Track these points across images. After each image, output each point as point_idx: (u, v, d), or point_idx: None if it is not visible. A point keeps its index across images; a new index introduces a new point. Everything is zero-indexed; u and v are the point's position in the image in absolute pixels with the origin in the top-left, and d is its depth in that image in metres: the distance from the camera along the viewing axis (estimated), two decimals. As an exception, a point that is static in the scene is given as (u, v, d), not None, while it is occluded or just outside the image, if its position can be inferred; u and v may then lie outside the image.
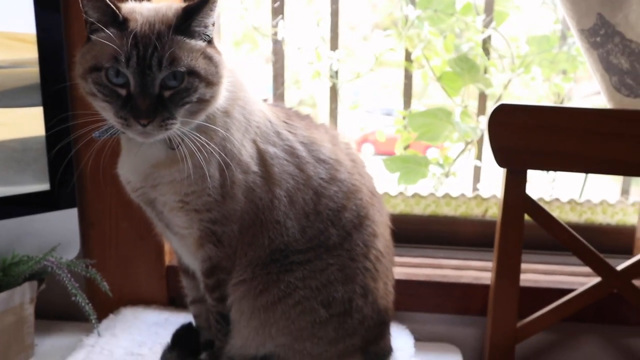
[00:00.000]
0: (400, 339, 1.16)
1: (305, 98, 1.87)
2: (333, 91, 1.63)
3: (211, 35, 0.89)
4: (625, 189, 1.52)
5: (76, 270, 1.14)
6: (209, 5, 0.85)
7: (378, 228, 1.03)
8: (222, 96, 0.91)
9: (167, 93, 0.84)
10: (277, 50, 1.59)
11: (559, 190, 1.64)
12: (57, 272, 1.10)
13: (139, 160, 0.93)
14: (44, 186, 1.16)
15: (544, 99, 1.68)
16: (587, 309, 1.17)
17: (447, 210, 1.44)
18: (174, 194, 0.92)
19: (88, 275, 1.15)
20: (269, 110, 1.02)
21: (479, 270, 1.30)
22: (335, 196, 0.98)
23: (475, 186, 1.63)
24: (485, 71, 1.64)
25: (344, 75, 1.65)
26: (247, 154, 0.94)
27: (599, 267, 1.12)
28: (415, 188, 1.55)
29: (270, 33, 1.60)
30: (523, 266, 1.26)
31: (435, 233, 1.44)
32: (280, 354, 0.97)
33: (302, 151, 0.99)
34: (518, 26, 1.70)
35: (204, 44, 0.88)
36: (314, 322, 0.95)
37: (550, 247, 1.36)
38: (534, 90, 1.70)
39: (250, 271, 0.95)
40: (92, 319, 1.12)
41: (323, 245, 0.96)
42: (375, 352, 1.05)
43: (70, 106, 1.13)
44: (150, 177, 0.93)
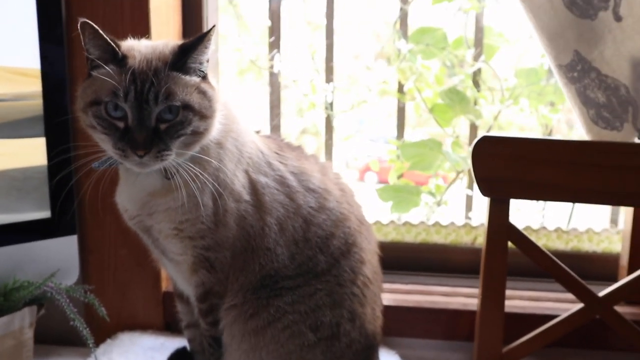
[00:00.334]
0: (389, 364, 1.19)
1: (308, 126, 1.92)
2: (328, 122, 1.68)
3: (205, 71, 0.94)
4: (613, 219, 1.56)
5: (75, 295, 1.17)
6: (204, 43, 0.91)
7: (366, 255, 1.07)
8: (216, 129, 0.96)
9: (163, 126, 0.89)
10: (273, 82, 1.65)
11: (548, 218, 1.68)
12: (57, 298, 1.14)
13: (136, 189, 0.98)
14: (45, 214, 1.20)
15: (533, 130, 1.73)
16: (572, 335, 1.19)
17: (438, 238, 1.48)
18: (169, 222, 0.97)
19: (86, 300, 1.18)
20: (261, 141, 1.07)
21: (467, 296, 1.34)
22: (323, 224, 1.02)
23: (467, 214, 1.68)
24: (475, 103, 1.69)
25: (339, 106, 1.70)
26: (240, 184, 0.99)
27: (581, 293, 1.15)
28: (408, 217, 1.59)
29: (267, 66, 1.66)
30: (509, 293, 1.29)
31: (426, 260, 1.47)
32: (270, 377, 1.00)
33: (293, 181, 1.03)
34: (507, 59, 1.75)
35: (199, 80, 0.93)
36: (303, 346, 0.98)
37: (535, 275, 1.40)
38: (523, 121, 1.75)
39: (241, 296, 0.99)
40: (90, 344, 1.15)
41: (312, 271, 1.00)
42: (363, 376, 1.08)
43: (71, 137, 1.18)
44: (146, 206, 0.97)
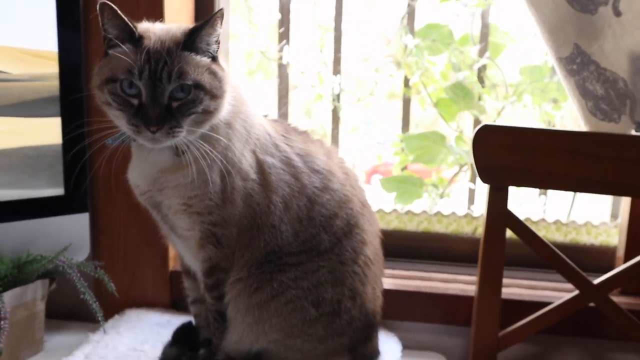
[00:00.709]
0: (388, 345, 1.23)
1: (315, 127, 1.95)
2: (335, 114, 1.72)
3: (216, 52, 0.98)
4: (614, 213, 1.59)
5: (85, 271, 1.21)
6: (213, 25, 0.95)
7: (367, 236, 1.10)
8: (225, 109, 1.00)
9: (175, 104, 0.93)
10: (282, 73, 1.69)
11: (549, 211, 1.70)
12: (68, 271, 1.18)
13: (148, 165, 1.02)
14: (59, 191, 1.24)
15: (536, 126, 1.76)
16: (567, 323, 1.23)
17: (439, 227, 1.52)
18: (179, 197, 1.01)
19: (96, 276, 1.22)
20: (269, 124, 1.11)
21: (466, 283, 1.37)
22: (327, 204, 1.06)
23: (469, 207, 1.71)
24: (479, 98, 1.72)
25: (346, 107, 1.74)
26: (247, 163, 1.02)
27: (576, 281, 1.18)
28: (410, 208, 1.62)
29: (276, 57, 1.70)
30: (508, 281, 1.33)
31: (427, 249, 1.50)
32: (272, 350, 1.03)
33: (298, 162, 1.07)
34: (512, 56, 1.79)
35: (209, 61, 0.97)
36: (304, 320, 1.02)
37: (533, 265, 1.43)
38: (526, 117, 1.78)
39: (246, 270, 1.03)
40: (99, 316, 1.19)
41: (315, 249, 1.04)
42: (362, 354, 1.11)
43: (85, 116, 1.22)
44: (157, 182, 1.01)
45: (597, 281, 1.19)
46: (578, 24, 1.15)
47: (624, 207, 1.37)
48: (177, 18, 1.34)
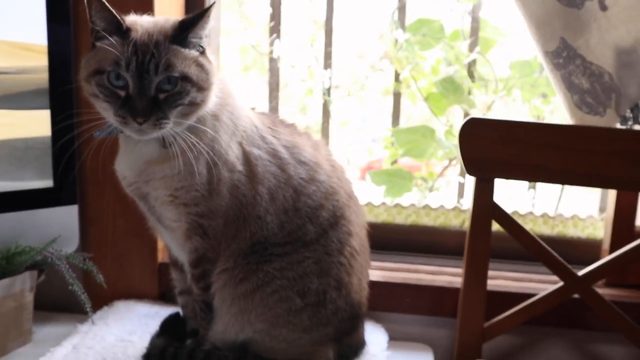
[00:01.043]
0: (374, 336, 1.24)
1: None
2: (325, 108, 1.72)
3: (204, 46, 0.99)
4: (603, 207, 1.60)
5: (74, 262, 1.22)
6: (203, 19, 0.95)
7: (354, 228, 1.11)
8: (212, 101, 1.00)
9: (162, 95, 0.94)
10: (273, 67, 1.70)
11: (539, 205, 1.72)
12: (57, 263, 1.18)
13: (135, 157, 1.02)
14: (48, 183, 1.25)
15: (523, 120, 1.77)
16: (552, 314, 1.24)
17: (427, 220, 1.53)
18: (165, 189, 1.01)
19: (85, 267, 1.23)
20: (256, 116, 1.11)
21: (453, 275, 1.38)
22: (313, 195, 1.07)
23: (458, 201, 1.72)
24: (469, 93, 1.73)
25: (338, 94, 1.75)
26: (234, 155, 1.03)
27: (561, 272, 1.19)
28: (399, 201, 1.63)
29: (267, 52, 1.71)
30: (494, 273, 1.34)
31: (415, 242, 1.51)
32: (258, 339, 1.04)
33: (285, 153, 1.08)
34: (502, 51, 1.80)
35: (197, 54, 0.97)
36: (290, 310, 1.03)
37: (520, 258, 1.44)
38: (516, 112, 1.80)
39: (232, 261, 1.04)
40: (87, 308, 1.20)
41: (300, 240, 1.05)
42: (348, 344, 1.12)
43: (75, 110, 1.22)
44: (144, 173, 1.02)
45: (582, 273, 1.20)
46: (564, 18, 1.16)
47: (610, 200, 1.38)
48: (168, 12, 1.34)
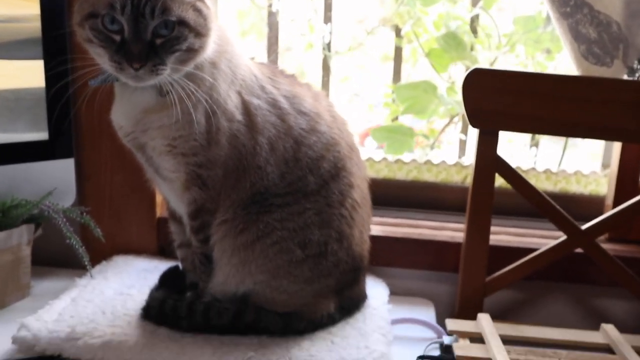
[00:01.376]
0: (375, 290, 1.23)
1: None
2: (325, 63, 1.69)
3: (201, -11, 0.95)
4: (605, 164, 1.58)
5: (71, 216, 1.20)
6: None
7: (355, 180, 1.09)
8: (210, 48, 0.97)
9: (159, 41, 0.90)
10: (272, 22, 1.66)
11: (540, 162, 1.70)
12: (53, 216, 1.17)
13: (131, 106, 0.99)
14: (42, 135, 1.22)
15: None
16: (555, 269, 1.24)
17: (429, 176, 1.51)
18: (163, 138, 0.99)
19: (82, 221, 1.21)
20: (255, 66, 1.09)
21: (455, 230, 1.37)
22: (314, 146, 1.04)
23: (460, 159, 1.70)
24: (472, 49, 1.70)
25: (338, 55, 1.71)
26: (232, 104, 1.01)
27: (564, 226, 1.18)
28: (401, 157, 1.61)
29: (265, 5, 1.67)
30: (496, 229, 1.33)
31: (416, 198, 1.50)
32: (258, 291, 1.03)
33: (285, 103, 1.05)
34: (505, 6, 1.76)
35: (194, -2, 0.94)
36: (291, 262, 1.01)
37: (523, 214, 1.43)
38: (519, 67, 1.76)
39: (232, 212, 1.02)
40: (85, 261, 1.19)
41: (301, 190, 1.03)
42: (349, 297, 1.11)
43: (68, 59, 1.19)
44: (140, 122, 0.99)
45: (585, 226, 1.19)
46: (572, -35, 1.12)
47: (615, 154, 1.36)
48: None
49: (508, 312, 1.34)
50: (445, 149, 1.78)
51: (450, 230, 1.37)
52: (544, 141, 1.71)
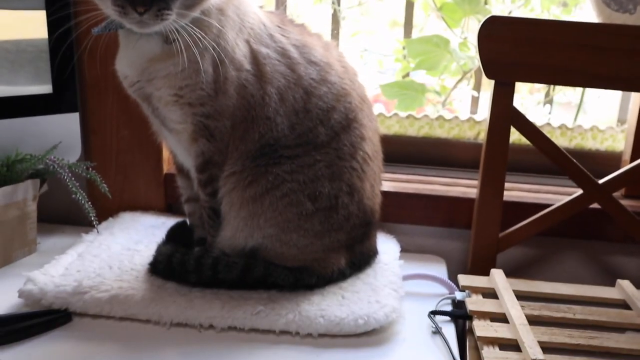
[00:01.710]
0: (386, 245, 1.21)
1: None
2: (335, 18, 1.65)
3: None
4: (622, 119, 1.54)
5: (77, 171, 1.18)
6: None
7: (366, 132, 1.06)
8: (217, -7, 0.94)
9: (163, -17, 0.87)
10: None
11: (555, 118, 1.66)
12: (58, 171, 1.15)
13: (136, 54, 0.96)
14: (46, 88, 1.19)
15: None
16: (570, 225, 1.21)
17: (441, 132, 1.47)
18: (169, 88, 0.96)
19: (88, 176, 1.19)
20: (264, 14, 1.05)
21: (467, 187, 1.34)
22: (324, 96, 1.01)
23: (471, 116, 1.66)
24: (485, 2, 1.65)
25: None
26: (241, 53, 0.97)
27: (581, 180, 1.15)
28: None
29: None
30: (510, 185, 1.30)
31: (428, 154, 1.47)
32: (267, 245, 1.01)
33: (294, 53, 1.02)
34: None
35: (199, -62, 0.90)
36: (300, 215, 0.99)
37: (539, 171, 1.40)
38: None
39: (240, 164, 0.99)
40: (92, 216, 1.17)
41: (311, 142, 1.00)
42: (360, 252, 1.09)
43: (71, 4, 1.15)
44: (146, 72, 0.96)
45: (602, 181, 1.16)
46: None
47: (633, 107, 1.32)
48: None
49: (521, 270, 1.32)
50: (457, 106, 1.74)
51: (462, 186, 1.34)
52: (558, 97, 1.67)
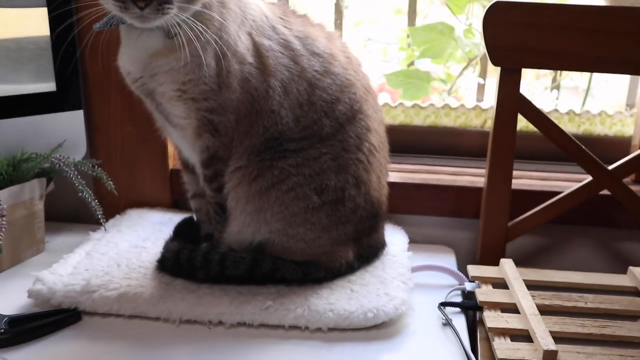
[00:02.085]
0: (394, 237, 1.20)
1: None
2: (338, 7, 1.63)
3: None
4: (630, 103, 1.52)
5: (83, 169, 1.17)
6: None
7: (372, 123, 1.05)
8: (218, -15, 0.93)
9: (164, -23, 0.86)
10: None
11: (562, 104, 1.64)
12: (64, 170, 1.14)
13: (138, 50, 0.96)
14: (48, 86, 1.19)
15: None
16: (579, 212, 1.20)
17: (447, 121, 1.46)
18: (172, 83, 0.95)
19: (94, 174, 1.19)
20: (265, 6, 1.04)
21: (475, 176, 1.32)
22: (329, 88, 1.00)
23: (477, 104, 1.64)
24: (491, -13, 1.63)
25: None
26: (243, 46, 0.97)
27: (590, 166, 1.14)
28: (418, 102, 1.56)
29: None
30: (518, 173, 1.29)
31: (434, 143, 1.46)
32: (275, 240, 1.00)
33: (297, 44, 1.01)
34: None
35: None
36: (307, 208, 0.98)
37: (546, 159, 1.39)
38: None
39: (245, 158, 0.99)
40: (99, 214, 1.16)
41: (316, 135, 0.99)
42: (368, 244, 1.08)
43: (73, 5, 1.14)
44: (148, 67, 0.96)
45: (612, 167, 1.14)
46: None
47: (642, 93, 1.31)
48: None
49: (531, 259, 1.30)
50: (462, 94, 1.72)
51: (469, 175, 1.33)
52: (565, 81, 1.65)
